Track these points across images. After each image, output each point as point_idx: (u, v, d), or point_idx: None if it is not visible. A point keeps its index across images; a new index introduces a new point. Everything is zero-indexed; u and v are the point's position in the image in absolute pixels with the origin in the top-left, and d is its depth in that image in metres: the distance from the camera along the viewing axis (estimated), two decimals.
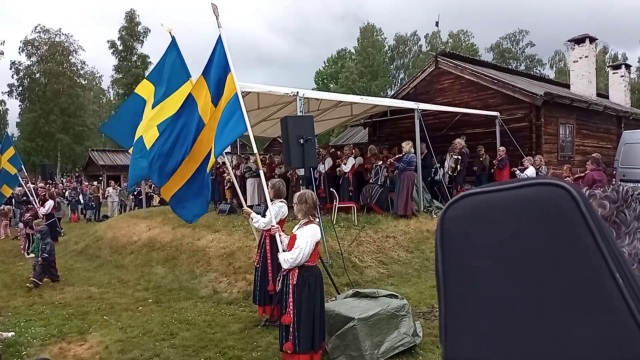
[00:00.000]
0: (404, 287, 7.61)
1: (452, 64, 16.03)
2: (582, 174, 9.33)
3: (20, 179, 13.93)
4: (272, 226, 5.05)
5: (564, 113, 14.94)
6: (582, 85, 18.08)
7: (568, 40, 19.12)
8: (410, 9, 79.86)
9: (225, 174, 14.74)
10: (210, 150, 5.02)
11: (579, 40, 18.35)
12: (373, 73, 53.18)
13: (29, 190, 14.06)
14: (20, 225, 13.99)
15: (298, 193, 4.79)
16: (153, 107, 6.24)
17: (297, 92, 9.14)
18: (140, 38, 46.66)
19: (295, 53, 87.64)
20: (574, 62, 18.76)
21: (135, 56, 46.60)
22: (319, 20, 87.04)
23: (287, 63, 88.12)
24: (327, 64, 58.58)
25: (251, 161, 14.19)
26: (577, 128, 15.67)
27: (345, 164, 11.77)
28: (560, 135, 14.91)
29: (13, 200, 17.96)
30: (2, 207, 16.20)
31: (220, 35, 4.97)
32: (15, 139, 43.42)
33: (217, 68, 5.05)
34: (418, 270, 8.77)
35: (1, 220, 16.48)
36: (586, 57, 18.16)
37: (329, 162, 12.13)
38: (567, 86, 19.58)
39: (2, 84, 58.60)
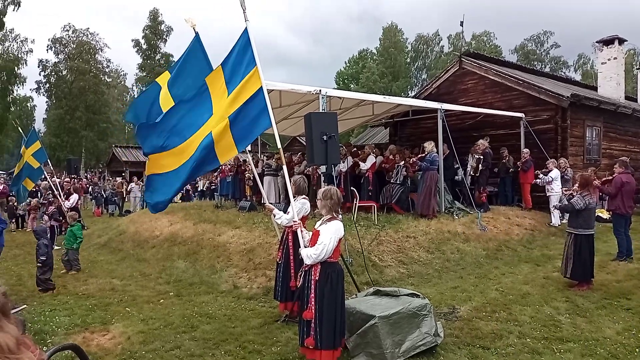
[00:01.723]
0: (424, 287, 7.53)
1: (476, 64, 15.84)
2: (610, 177, 9.12)
3: (45, 173, 14.28)
4: (295, 222, 5.04)
5: (591, 115, 14.64)
6: (610, 87, 17.68)
7: (596, 42, 18.73)
8: (427, 9, 79.34)
9: (246, 172, 14.84)
10: (209, 136, 4.96)
11: (607, 42, 17.96)
12: (394, 74, 52.94)
13: (54, 184, 14.37)
14: (45, 217, 14.28)
15: (323, 189, 4.77)
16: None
17: (320, 90, 9.14)
18: (164, 37, 47.38)
19: (312, 54, 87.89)
20: (602, 63, 18.36)
21: (158, 55, 47.31)
22: (336, 21, 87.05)
23: (305, 64, 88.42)
24: (348, 64, 58.52)
25: (272, 159, 14.26)
26: (605, 131, 15.34)
27: (365, 162, 11.73)
28: (587, 138, 14.61)
29: (39, 194, 18.37)
30: (30, 201, 16.59)
31: (246, 28, 4.97)
32: (42, 134, 44.48)
33: (237, 59, 5.03)
34: (439, 271, 8.68)
35: (30, 213, 16.84)
36: (615, 58, 17.76)
37: (349, 160, 12.10)
38: (594, 88, 19.17)
39: (30, 81, 60.08)
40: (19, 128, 16.24)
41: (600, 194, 9.61)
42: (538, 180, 12.09)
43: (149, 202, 5.70)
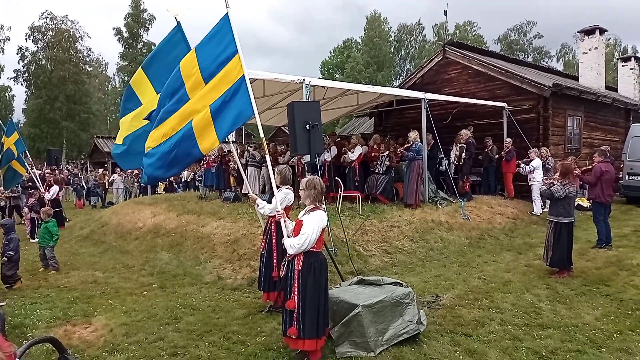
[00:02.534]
0: (408, 276, 7.59)
1: (460, 54, 15.88)
2: (590, 167, 9.25)
3: (25, 163, 14.02)
4: (277, 211, 5.02)
5: (572, 105, 14.81)
6: (591, 77, 17.91)
7: (578, 32, 18.93)
8: None
9: (230, 162, 14.75)
10: (189, 125, 4.90)
11: (588, 32, 18.15)
12: (379, 63, 52.91)
13: (34, 175, 14.12)
14: (25, 209, 14.03)
15: (305, 179, 4.74)
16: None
17: (304, 80, 9.08)
18: (146, 25, 46.60)
19: (295, 42, 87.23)
20: (583, 53, 18.57)
21: (140, 43, 46.54)
22: (320, 9, 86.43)
23: (288, 52, 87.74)
24: (333, 54, 58.28)
25: (257, 150, 14.17)
26: (585, 120, 15.55)
27: (352, 152, 11.72)
28: (568, 127, 14.79)
29: (19, 186, 18.03)
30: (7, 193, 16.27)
31: (227, 14, 4.88)
32: (21, 125, 43.62)
33: (217, 46, 4.92)
34: (422, 259, 8.75)
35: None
36: (596, 48, 17.97)
37: (334, 150, 12.08)
38: (576, 78, 19.39)
39: (8, 70, 58.74)
40: None
41: (581, 182, 9.75)
42: (520, 169, 12.23)
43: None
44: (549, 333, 5.10)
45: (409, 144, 10.98)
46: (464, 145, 12.20)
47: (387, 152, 11.62)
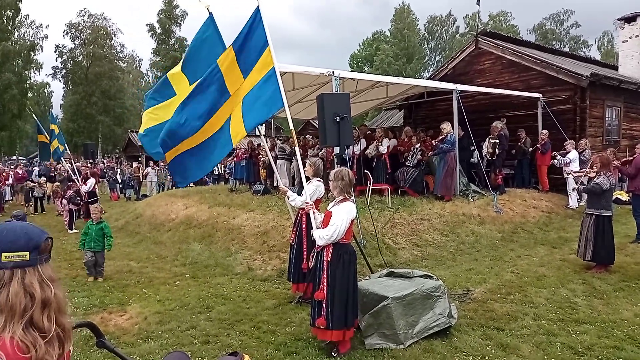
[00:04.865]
0: (439, 269, 7.51)
1: (493, 44, 15.51)
2: (630, 158, 8.91)
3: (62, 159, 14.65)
4: (307, 203, 5.04)
5: (611, 95, 14.28)
6: (632, 66, 17.19)
7: (617, 19, 18.18)
8: None
9: (260, 156, 14.86)
10: (228, 120, 4.91)
11: (629, 19, 17.40)
12: (408, 55, 52.23)
13: (71, 169, 14.59)
14: (64, 201, 14.50)
15: (334, 170, 4.74)
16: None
17: (333, 72, 9.06)
18: (178, 21, 47.36)
19: (319, 37, 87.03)
20: (623, 42, 17.83)
21: (173, 39, 47.34)
22: (343, 3, 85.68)
23: (312, 47, 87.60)
24: (362, 47, 57.87)
25: (286, 143, 14.22)
26: (625, 111, 14.98)
27: (381, 144, 11.64)
28: (606, 119, 14.29)
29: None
30: (55, 185, 16.97)
31: (257, 8, 4.90)
32: (59, 120, 45.05)
33: (251, 40, 4.94)
34: (453, 253, 8.64)
35: (55, 197, 17.19)
36: (637, 36, 17.21)
37: (363, 143, 12.02)
38: (615, 68, 18.67)
39: (46, 67, 60.71)
40: (33, 115, 16.52)
41: (620, 175, 9.42)
42: (555, 161, 11.89)
43: (180, 182, 5.63)
44: (585, 329, 4.96)
45: (444, 136, 10.82)
46: (497, 141, 11.91)
47: (419, 144, 11.48)
